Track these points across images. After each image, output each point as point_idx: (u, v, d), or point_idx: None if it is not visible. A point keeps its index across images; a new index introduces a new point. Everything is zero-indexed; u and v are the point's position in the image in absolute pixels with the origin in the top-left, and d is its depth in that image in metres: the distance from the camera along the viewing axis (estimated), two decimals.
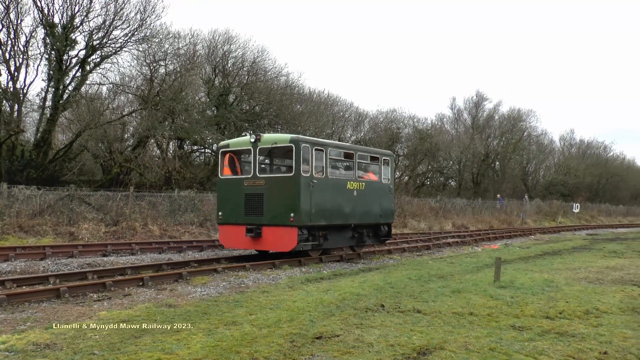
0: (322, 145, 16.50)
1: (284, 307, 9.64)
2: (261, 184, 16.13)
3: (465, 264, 16.88)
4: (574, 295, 11.07)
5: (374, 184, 18.65)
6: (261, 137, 16.31)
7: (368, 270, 15.17)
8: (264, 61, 37.22)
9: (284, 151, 16.84)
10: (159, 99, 30.62)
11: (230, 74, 36.20)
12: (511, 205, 46.75)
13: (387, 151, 20.40)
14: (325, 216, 16.47)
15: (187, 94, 32.02)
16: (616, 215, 63.96)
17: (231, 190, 16.73)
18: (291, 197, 15.59)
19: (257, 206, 16.11)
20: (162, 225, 23.05)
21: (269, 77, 37.52)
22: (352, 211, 17.53)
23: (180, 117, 31.74)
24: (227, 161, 17.17)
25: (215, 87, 35.68)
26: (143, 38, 29.66)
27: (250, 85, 36.25)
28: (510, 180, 63.66)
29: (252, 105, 37.10)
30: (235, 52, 36.27)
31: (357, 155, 17.93)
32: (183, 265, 15.27)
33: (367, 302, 10.03)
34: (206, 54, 35.53)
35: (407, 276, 13.50)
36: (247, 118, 35.47)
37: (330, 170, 16.82)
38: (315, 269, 15.58)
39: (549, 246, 24.55)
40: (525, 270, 15.22)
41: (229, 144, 17.26)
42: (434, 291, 11.29)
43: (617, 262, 17.87)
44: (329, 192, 16.58)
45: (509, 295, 10.87)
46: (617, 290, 11.86)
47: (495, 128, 61.47)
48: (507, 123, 61.55)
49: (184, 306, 9.85)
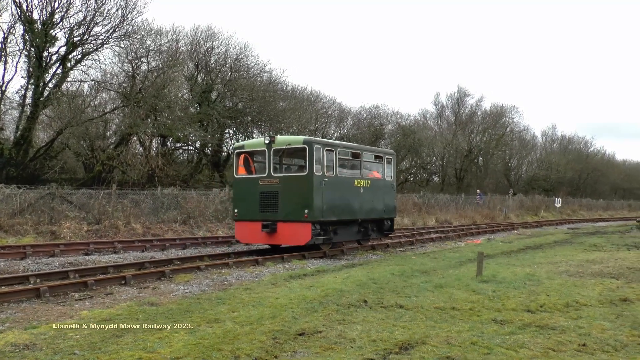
0: (332, 146, 17.68)
1: (267, 304, 9.63)
2: (276, 182, 17.23)
3: (448, 259, 16.98)
4: (554, 289, 11.17)
5: (378, 181, 19.83)
6: (275, 138, 17.39)
7: (351, 266, 15.21)
8: (247, 58, 37.15)
9: (297, 152, 17.91)
10: (141, 96, 30.40)
11: (213, 71, 36.04)
12: (494, 201, 47.06)
13: (389, 150, 21.74)
14: (335, 212, 17.58)
15: (169, 91, 31.82)
16: (597, 209, 64.70)
17: (246, 189, 17.83)
18: (305, 194, 16.70)
19: (272, 203, 17.23)
20: (145, 224, 22.91)
21: (252, 73, 37.43)
22: (359, 207, 18.71)
23: (162, 114, 31.55)
24: (242, 161, 18.24)
25: (198, 84, 35.50)
26: (124, 34, 29.42)
27: (233, 82, 36.12)
28: (493, 175, 64.13)
29: (235, 102, 36.98)
30: (218, 49, 36.14)
31: (363, 154, 19.18)
32: (166, 263, 15.20)
33: (350, 298, 10.03)
34: (189, 51, 35.34)
35: (390, 272, 13.54)
36: (230, 115, 35.34)
37: (340, 169, 17.92)
38: (299, 265, 15.60)
39: (531, 240, 24.76)
40: (508, 264, 15.33)
41: (243, 145, 18.41)
42: (417, 286, 11.33)
43: (597, 255, 18.06)
44: (338, 189, 17.73)
45: (491, 289, 10.93)
46: (597, 283, 11.98)
47: (478, 124, 61.81)
48: (489, 119, 61.92)
49: (167, 304, 9.80)
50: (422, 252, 19.73)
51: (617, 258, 17.06)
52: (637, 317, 8.76)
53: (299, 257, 17.05)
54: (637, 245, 21.49)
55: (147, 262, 14.79)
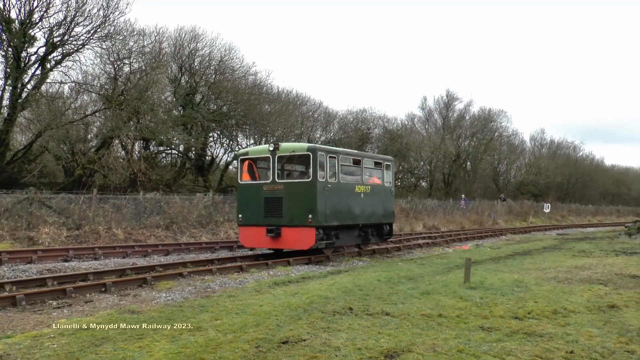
0: (334, 153, 18.66)
1: (251, 311, 9.59)
2: (280, 188, 18.09)
3: (435, 265, 17.04)
4: (542, 295, 11.23)
5: (378, 187, 20.84)
6: (279, 145, 18.29)
7: (337, 273, 15.21)
8: (232, 60, 37.08)
9: (301, 159, 18.70)
10: (123, 98, 30.24)
11: (197, 73, 35.94)
12: (482, 206, 47.30)
13: (388, 157, 22.76)
14: (338, 217, 18.54)
15: (152, 93, 31.67)
16: (585, 214, 65.24)
17: (251, 195, 18.66)
18: (309, 200, 17.58)
19: (276, 209, 18.08)
20: (127, 229, 22.76)
21: (236, 76, 37.36)
22: (360, 212, 19.70)
23: (145, 117, 31.39)
24: (246, 168, 19.07)
25: (181, 86, 35.39)
26: (106, 35, 29.24)
27: (218, 85, 36.04)
28: (482, 180, 64.45)
29: (219, 105, 36.90)
30: (202, 51, 36.05)
31: (363, 161, 20.23)
32: (148, 270, 15.11)
33: (335, 305, 10.03)
34: (172, 52, 35.23)
35: (377, 278, 13.56)
36: (214, 118, 35.26)
37: (342, 175, 18.88)
38: (283, 272, 15.58)
39: (520, 246, 24.91)
40: (496, 270, 15.40)
41: (248, 152, 19.36)
42: (403, 293, 11.35)
43: (585, 261, 18.20)
44: (340, 195, 18.70)
45: (479, 296, 10.98)
46: (585, 290, 12.07)
47: (466, 128, 62.10)
48: (478, 123, 62.25)
49: (148, 312, 9.73)
50: (409, 258, 19.79)
51: (606, 264, 17.21)
52: (624, 324, 8.84)
53: (283, 263, 17.06)
54: (625, 251, 21.69)
55: (129, 269, 14.70)
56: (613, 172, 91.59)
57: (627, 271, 15.41)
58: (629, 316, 9.44)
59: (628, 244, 25.80)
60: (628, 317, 9.33)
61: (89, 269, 15.09)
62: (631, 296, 11.36)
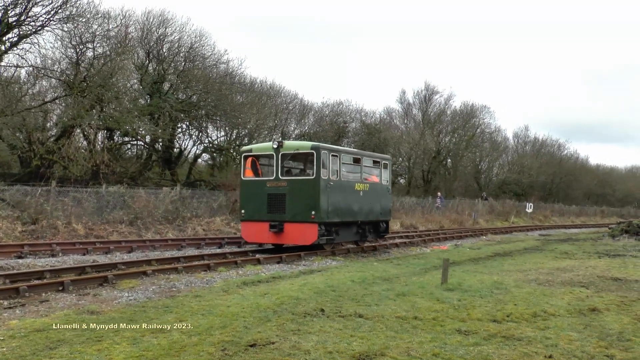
0: (336, 152, 20.30)
1: (217, 312, 9.58)
2: (283, 185, 19.52)
3: (412, 265, 17.19)
4: (522, 298, 11.40)
5: (376, 185, 22.51)
6: (283, 143, 19.89)
7: (309, 273, 15.25)
8: (203, 47, 36.79)
9: (305, 156, 20.40)
10: (86, 84, 29.83)
11: (166, 60, 35.62)
12: (463, 205, 47.73)
13: (386, 156, 24.86)
14: (338, 214, 20.01)
15: (117, 80, 31.29)
16: (569, 215, 66.20)
17: (254, 191, 20.07)
18: (313, 197, 19.03)
19: (279, 205, 19.48)
20: (88, 224, 22.52)
21: (207, 64, 37.11)
22: (359, 209, 21.21)
23: (109, 106, 31.01)
24: (249, 164, 20.53)
25: (149, 73, 35.04)
26: (68, 17, 28.73)
27: (187, 73, 35.76)
28: (463, 178, 64.95)
29: (188, 95, 36.62)
30: (171, 36, 35.71)
31: (363, 159, 21.86)
32: (109, 268, 14.96)
33: (307, 307, 10.06)
34: (139, 37, 34.84)
35: (350, 278, 13.63)
36: (183, 108, 34.99)
37: (343, 173, 20.41)
38: (253, 271, 15.58)
39: (501, 247, 25.23)
40: (475, 272, 15.59)
41: (251, 149, 20.84)
42: (378, 294, 11.42)
43: (567, 263, 18.52)
44: (341, 192, 20.19)
45: (456, 298, 11.10)
46: (566, 292, 12.28)
47: (447, 123, 62.42)
48: (459, 119, 62.57)
49: (108, 312, 9.65)
50: (385, 258, 19.95)
51: (588, 266, 17.53)
52: (604, 328, 9.00)
53: (253, 262, 17.09)
54: (608, 253, 22.09)
55: (89, 267, 14.53)
56: (598, 172, 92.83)
57: (609, 274, 15.72)
58: (609, 320, 9.62)
59: (611, 245, 26.29)
60: (608, 321, 9.51)
61: (46, 267, 14.90)
62: (612, 299, 11.59)
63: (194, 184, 35.56)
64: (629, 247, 25.20)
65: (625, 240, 28.85)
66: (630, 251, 23.12)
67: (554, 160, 78.35)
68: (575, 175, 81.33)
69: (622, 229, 31.81)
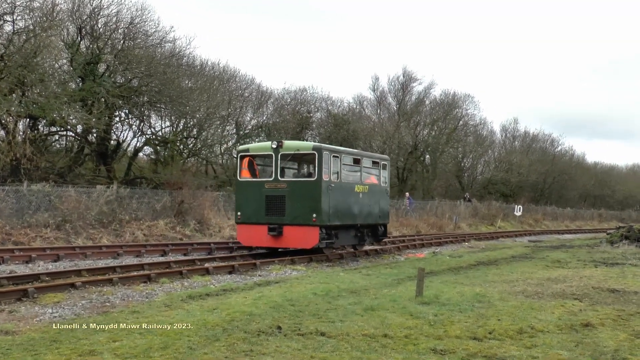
0: (337, 152, 22.12)
1: (158, 331, 9.53)
2: (283, 186, 21.12)
3: (383, 276, 17.31)
4: (507, 312, 11.55)
5: (375, 186, 24.38)
6: (283, 143, 21.49)
7: (265, 284, 15.26)
8: (145, 22, 36.36)
9: (306, 157, 22.28)
10: (4, 65, 29.29)
11: (101, 37, 35.15)
12: (443, 207, 48.16)
13: (385, 156, 27.28)
14: (339, 217, 21.74)
15: (43, 60, 30.77)
16: (563, 219, 67.27)
17: (251, 192, 21.69)
18: (314, 199, 20.67)
19: (278, 207, 21.04)
20: (5, 228, 22.17)
21: (150, 42, 36.73)
22: (358, 212, 23.02)
23: (33, 90, 30.48)
24: (246, 164, 22.11)
25: (81, 52, 34.54)
26: None
27: (127, 53, 35.34)
28: (443, 176, 65.44)
29: (128, 78, 36.22)
30: (107, 9, 35.21)
31: (363, 160, 23.72)
32: (30, 280, 14.74)
33: (261, 324, 10.05)
34: (69, 10, 34.29)
35: (313, 291, 13.69)
36: (121, 94, 34.58)
37: (343, 174, 22.25)
38: (201, 282, 15.53)
39: (485, 255, 25.52)
40: (455, 283, 15.75)
41: (248, 149, 22.58)
42: (343, 309, 11.47)
43: (559, 273, 18.83)
44: (342, 195, 21.93)
45: (432, 312, 11.20)
46: (557, 306, 12.48)
47: (425, 114, 62.68)
48: (439, 109, 62.92)
49: (27, 332, 9.52)
50: (353, 268, 20.09)
51: (583, 276, 17.85)
52: (598, 345, 9.17)
53: (201, 272, 17.11)
54: (605, 262, 22.52)
55: (4, 278, 14.28)
56: (596, 170, 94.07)
57: (605, 285, 16.03)
58: (604, 336, 9.80)
59: (609, 253, 26.77)
60: (603, 337, 9.69)
61: None
62: (608, 313, 11.81)
63: (134, 181, 35.23)
64: (629, 254, 25.67)
65: (625, 247, 29.36)
66: (630, 259, 23.56)
67: (547, 157, 79.17)
68: (570, 174, 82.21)
69: (622, 235, 32.32)
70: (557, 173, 79.35)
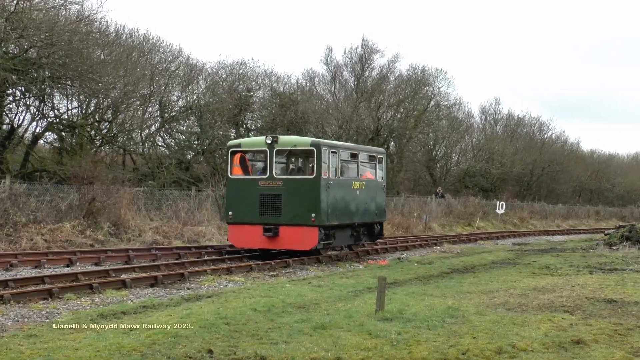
0: (335, 148, 24.64)
1: (60, 358, 9.39)
2: (279, 184, 23.33)
3: (338, 287, 17.38)
4: (485, 328, 11.68)
5: (372, 182, 27.00)
6: (278, 138, 23.68)
7: (195, 299, 15.23)
8: None
9: (303, 153, 24.66)
10: None
11: None
12: (410, 204, 48.42)
13: (380, 149, 30.86)
14: (337, 216, 24.14)
15: None
16: (554, 217, 68.01)
17: (243, 191, 23.93)
18: (313, 198, 22.92)
19: (274, 206, 23.23)
20: None
21: (51, 3, 36.17)
22: (355, 210, 25.51)
23: None
24: (237, 161, 24.45)
25: None
26: None
27: (21, 15, 34.70)
28: (411, 167, 65.69)
29: (24, 47, 35.59)
30: None
31: (359, 155, 26.35)
32: None
33: (189, 347, 10.01)
34: None
35: (252, 306, 13.67)
36: (15, 67, 33.98)
37: (341, 171, 24.67)
38: (116, 298, 15.42)
39: (460, 261, 25.77)
40: (423, 294, 15.87)
41: (240, 144, 25.07)
42: (289, 328, 11.48)
43: (548, 281, 19.12)
44: (340, 192, 24.31)
45: (395, 330, 11.25)
46: (544, 320, 12.67)
47: (389, 93, 62.57)
48: (406, 87, 62.89)
49: None
50: (302, 278, 20.10)
51: (575, 285, 18.15)
52: None
53: (116, 285, 17.00)
54: (602, 267, 22.93)
55: None
56: (592, 160, 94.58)
57: (601, 294, 16.33)
58: (597, 355, 9.99)
59: (607, 257, 27.15)
60: (596, 356, 9.88)
61: None
62: (603, 328, 12.04)
63: (33, 175, 34.69)
64: (630, 259, 26.01)
65: (626, 250, 29.74)
66: (632, 264, 23.94)
67: (534, 145, 79.68)
68: (562, 164, 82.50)
69: (622, 236, 32.68)
70: (546, 163, 79.69)
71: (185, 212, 32.20)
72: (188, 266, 21.25)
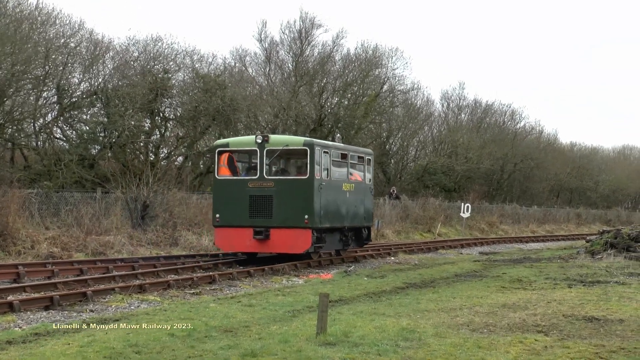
0: (327, 148, 27.74)
1: None
2: (270, 185, 26.10)
3: (272, 306, 17.32)
4: (445, 353, 11.74)
5: (360, 184, 30.52)
6: (269, 138, 26.52)
7: (100, 323, 14.98)
8: None
9: (295, 153, 27.84)
10: None
11: None
12: None
13: (368, 150, 34.93)
14: (329, 218, 27.25)
15: None
16: (528, 221, 68.61)
17: (232, 192, 26.60)
18: (306, 199, 25.76)
19: (265, 208, 25.95)
20: None
21: None
22: (345, 213, 28.91)
23: None
24: (225, 161, 27.03)
25: None
26: None
27: None
28: None
29: None
30: None
31: (349, 155, 29.60)
32: None
33: None
34: None
35: (169, 331, 13.60)
36: None
37: (333, 172, 27.71)
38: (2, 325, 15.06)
39: (418, 274, 25.88)
40: (373, 314, 15.89)
41: (228, 143, 27.97)
42: (213, 356, 11.44)
43: (520, 296, 19.28)
44: (332, 194, 27.38)
45: (340, 357, 11.27)
46: (514, 342, 12.77)
47: (334, 76, 62.35)
48: (354, 68, 62.80)
49: None
50: (230, 296, 19.98)
51: (551, 300, 18.34)
52: None
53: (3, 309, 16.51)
54: (583, 280, 23.15)
55: None
56: (573, 154, 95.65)
57: (581, 311, 16.52)
58: None
59: (589, 267, 27.43)
60: None
61: None
62: (582, 350, 12.17)
63: None
64: (615, 269, 26.25)
65: (611, 259, 30.00)
66: (616, 275, 24.21)
67: (505, 137, 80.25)
68: (537, 159, 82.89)
69: (607, 242, 33.02)
70: (519, 158, 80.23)
71: (90, 218, 31.69)
72: (92, 284, 20.88)
